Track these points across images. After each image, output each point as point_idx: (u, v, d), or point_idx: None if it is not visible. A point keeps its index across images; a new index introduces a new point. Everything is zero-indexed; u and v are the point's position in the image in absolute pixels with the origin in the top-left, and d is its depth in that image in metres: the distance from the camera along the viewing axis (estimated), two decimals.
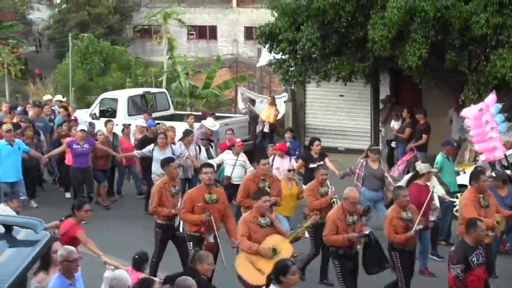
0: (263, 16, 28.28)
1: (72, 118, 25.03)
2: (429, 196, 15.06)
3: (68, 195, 22.90)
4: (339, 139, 26.62)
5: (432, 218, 16.01)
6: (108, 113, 28.40)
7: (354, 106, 27.64)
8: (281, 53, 25.05)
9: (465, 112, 18.27)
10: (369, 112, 26.52)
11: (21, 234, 9.90)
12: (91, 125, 23.75)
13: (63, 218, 12.91)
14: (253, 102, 31.82)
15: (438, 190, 17.46)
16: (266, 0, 24.62)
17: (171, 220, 15.10)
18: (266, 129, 28.33)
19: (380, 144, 26.28)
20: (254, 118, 29.11)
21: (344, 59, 23.63)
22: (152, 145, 20.60)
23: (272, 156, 19.45)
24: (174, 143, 21.08)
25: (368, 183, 18.04)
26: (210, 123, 23.38)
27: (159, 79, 44.65)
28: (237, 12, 62.39)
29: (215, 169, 18.05)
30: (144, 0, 67.35)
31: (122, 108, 28.55)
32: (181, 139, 21.44)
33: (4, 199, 14.31)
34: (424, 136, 23.94)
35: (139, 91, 32.33)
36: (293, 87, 28.35)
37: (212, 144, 22.33)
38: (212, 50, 59.74)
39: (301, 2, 22.91)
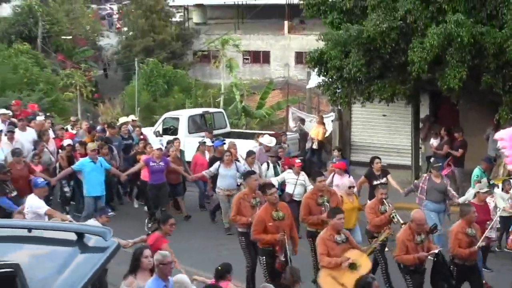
0: (312, 42, 28.18)
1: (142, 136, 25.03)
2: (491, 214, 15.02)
3: (136, 205, 23.02)
4: (382, 155, 26.20)
5: (492, 234, 15.94)
6: (170, 131, 28.47)
7: (396, 125, 27.49)
8: (329, 76, 25.00)
9: (499, 134, 18.19)
10: (409, 130, 26.33)
11: (91, 241, 9.94)
12: (169, 143, 23.37)
13: (150, 232, 13.00)
14: (303, 121, 31.76)
15: (499, 203, 17.40)
16: (315, 28, 24.57)
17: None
18: (315, 146, 28.26)
19: (420, 160, 26.19)
20: (303, 136, 29.05)
21: (387, 81, 23.53)
22: (218, 163, 20.47)
23: (332, 173, 19.36)
24: (238, 160, 20.94)
25: (431, 196, 17.87)
26: (267, 140, 23.37)
27: (217, 100, 44.86)
28: (288, 39, 62.46)
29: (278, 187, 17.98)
30: (203, 28, 67.76)
31: (183, 126, 28.64)
32: (245, 159, 21.34)
33: (94, 215, 14.28)
34: (460, 150, 23.81)
35: (199, 110, 32.41)
36: (339, 107, 28.25)
37: (279, 161, 21.94)
38: (266, 73, 59.83)
39: (351, 33, 22.83)
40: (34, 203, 15.23)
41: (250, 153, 21.32)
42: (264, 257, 14.13)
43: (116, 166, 22.04)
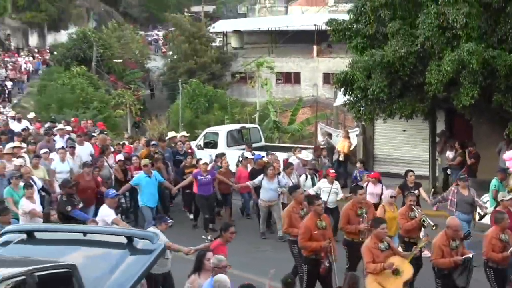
0: (338, 64, 28.29)
1: (192, 150, 24.93)
2: None
3: (191, 216, 22.63)
4: (402, 166, 26.33)
5: None
6: (211, 144, 28.58)
7: (415, 139, 27.44)
8: (354, 95, 25.05)
9: (507, 155, 18.28)
10: (427, 144, 26.28)
11: (140, 244, 10.05)
12: (217, 157, 23.25)
13: (213, 239, 12.90)
14: (330, 135, 31.71)
15: None
16: (341, 52, 24.67)
17: None
18: (341, 158, 28.21)
19: (437, 171, 26.11)
20: (331, 149, 29.00)
21: (407, 100, 23.58)
22: (262, 176, 20.36)
23: (366, 182, 19.37)
24: (279, 173, 20.72)
25: (461, 208, 17.72)
26: (304, 155, 23.37)
27: (252, 116, 44.87)
28: (317, 61, 62.42)
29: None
30: (240, 52, 67.92)
31: (222, 141, 28.76)
32: (283, 170, 21.19)
33: (153, 223, 14.18)
34: (472, 160, 23.96)
35: (237, 126, 32.53)
36: (363, 123, 28.30)
37: (317, 174, 21.81)
38: (296, 92, 59.74)
39: (376, 58, 22.88)
40: (104, 212, 15.31)
41: (289, 165, 21.36)
42: (306, 266, 13.98)
43: (168, 179, 21.91)
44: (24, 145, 22.35)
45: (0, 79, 48.72)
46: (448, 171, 25.29)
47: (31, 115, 34.48)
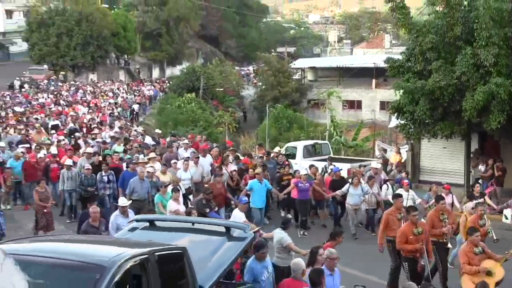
0: (392, 94, 27.98)
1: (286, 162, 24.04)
2: None
3: (285, 214, 21.22)
4: (442, 177, 25.99)
5: None
6: (290, 156, 28.54)
7: (453, 155, 26.93)
8: (404, 119, 24.83)
9: None
10: (463, 159, 25.77)
11: (235, 233, 10.13)
12: (311, 167, 22.14)
13: (325, 241, 12.50)
14: (385, 150, 31.47)
15: None
16: (395, 85, 24.51)
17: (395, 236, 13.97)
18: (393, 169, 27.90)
19: (471, 181, 25.59)
20: (385, 162, 28.71)
21: (447, 123, 23.26)
22: (348, 184, 19.90)
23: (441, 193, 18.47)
24: (361, 182, 20.08)
25: None
26: (375, 164, 23.17)
27: (323, 134, 44.76)
28: (375, 92, 62.10)
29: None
30: (315, 83, 67.94)
31: (299, 153, 28.65)
32: (366, 182, 20.40)
33: (281, 227, 13.19)
34: (499, 173, 23.62)
35: (311, 142, 32.37)
36: (412, 141, 27.95)
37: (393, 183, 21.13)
38: (358, 116, 59.35)
39: (417, 85, 22.73)
40: (237, 215, 14.97)
41: (370, 178, 20.61)
42: (406, 263, 13.39)
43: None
44: (153, 155, 22.18)
45: (129, 103, 49.68)
46: (480, 181, 24.79)
47: (157, 131, 34.84)
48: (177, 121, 48.79)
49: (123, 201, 14.96)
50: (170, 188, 17.29)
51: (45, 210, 17.56)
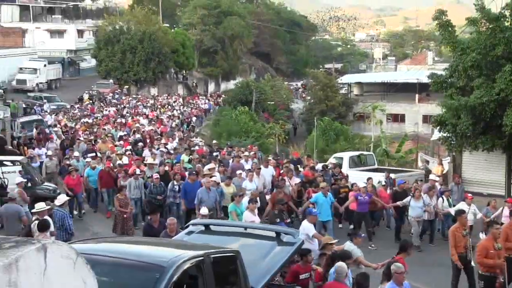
0: (434, 109, 27.71)
1: (345, 174, 23.40)
2: None
3: (343, 225, 20.87)
4: (483, 187, 25.51)
5: None
6: (327, 166, 28.21)
7: (494, 167, 26.34)
8: (446, 132, 24.49)
9: None
10: (504, 171, 25.21)
11: (285, 238, 10.09)
12: (368, 179, 21.01)
13: (395, 255, 11.60)
14: (427, 162, 31.07)
15: None
16: (436, 99, 24.25)
17: (463, 252, 13.46)
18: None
19: (511, 191, 25.05)
20: (428, 172, 28.31)
21: (488, 137, 22.82)
22: (409, 197, 19.18)
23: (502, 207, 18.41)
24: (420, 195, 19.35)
25: None
26: (433, 176, 22.44)
27: (368, 146, 44.46)
28: (418, 106, 61.74)
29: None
30: (360, 98, 67.63)
31: (345, 163, 28.40)
32: (426, 192, 19.57)
33: (350, 238, 12.55)
34: None
35: (356, 153, 32.13)
36: (454, 154, 27.49)
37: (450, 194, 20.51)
38: (402, 129, 58.81)
39: (460, 102, 22.37)
40: (306, 226, 13.90)
41: (430, 188, 19.87)
42: (482, 282, 12.44)
43: None
44: (212, 165, 21.34)
45: (185, 116, 50.11)
46: None
47: (214, 142, 34.75)
48: (230, 132, 49.02)
49: (204, 211, 14.93)
50: (246, 198, 16.82)
51: (125, 216, 17.69)
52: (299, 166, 23.20)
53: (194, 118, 50.85)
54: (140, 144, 27.79)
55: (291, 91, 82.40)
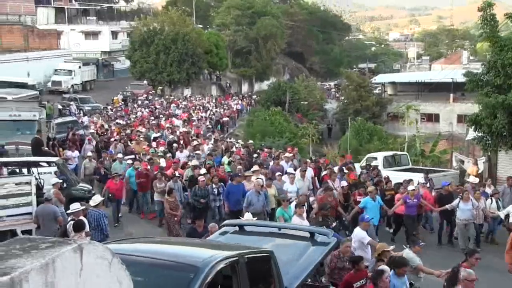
0: (469, 108, 27.33)
1: (384, 177, 22.63)
2: None
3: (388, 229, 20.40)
4: None
5: None
6: (371, 166, 28.06)
7: None
8: (481, 131, 24.13)
9: None
10: None
11: (319, 238, 10.07)
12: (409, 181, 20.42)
13: (459, 264, 11.02)
14: (462, 162, 30.66)
15: None
16: (471, 99, 23.94)
17: None
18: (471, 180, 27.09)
19: None
20: (462, 172, 27.97)
21: None
22: (458, 199, 18.58)
23: None
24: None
25: None
26: (472, 179, 21.88)
27: (402, 146, 44.07)
28: (452, 106, 60.90)
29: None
30: (394, 97, 67.07)
31: (380, 163, 28.15)
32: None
33: (409, 246, 12.13)
34: None
35: (390, 153, 31.89)
36: (489, 153, 27.12)
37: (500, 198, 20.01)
38: (436, 129, 58.20)
39: (498, 100, 22.01)
40: (359, 234, 13.33)
41: (475, 190, 19.39)
42: None
43: None
44: (256, 167, 20.92)
45: (217, 117, 50.09)
46: None
47: (250, 141, 34.27)
48: (264, 132, 48.96)
49: (248, 217, 14.30)
50: (293, 203, 16.46)
51: (176, 218, 17.66)
52: (344, 168, 22.47)
53: (226, 119, 50.90)
54: (175, 145, 27.80)
55: (325, 91, 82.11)
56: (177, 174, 20.50)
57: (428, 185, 21.61)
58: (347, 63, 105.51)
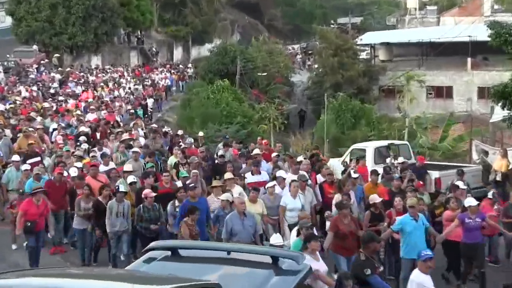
0: (495, 77, 27.51)
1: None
2: None
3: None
4: None
5: None
6: (357, 162, 28.11)
7: None
8: None
9: None
10: None
11: (285, 264, 9.99)
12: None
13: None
14: (486, 153, 30.95)
15: None
16: (497, 64, 24.09)
17: None
18: (498, 178, 27.30)
19: None
20: (487, 168, 28.21)
21: None
22: None
23: None
24: None
25: None
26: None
27: (401, 132, 44.39)
28: (471, 75, 61.61)
29: None
30: (389, 65, 67.59)
31: (369, 157, 28.23)
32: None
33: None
34: None
35: (385, 143, 31.90)
36: None
37: None
38: (448, 107, 58.98)
39: None
40: (419, 278, 12.38)
41: None
42: None
43: None
44: (229, 175, 19.86)
45: (140, 97, 49.54)
46: None
47: (201, 133, 33.53)
48: (206, 117, 48.75)
49: (277, 239, 13.73)
50: (295, 229, 15.24)
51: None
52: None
53: (150, 101, 50.29)
54: (83, 138, 27.02)
55: (290, 57, 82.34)
56: (122, 188, 18.48)
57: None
58: (321, 17, 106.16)
